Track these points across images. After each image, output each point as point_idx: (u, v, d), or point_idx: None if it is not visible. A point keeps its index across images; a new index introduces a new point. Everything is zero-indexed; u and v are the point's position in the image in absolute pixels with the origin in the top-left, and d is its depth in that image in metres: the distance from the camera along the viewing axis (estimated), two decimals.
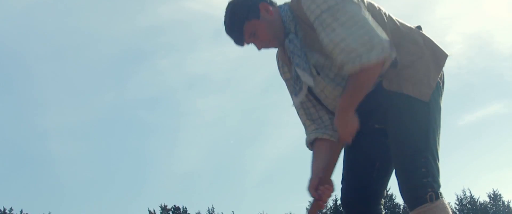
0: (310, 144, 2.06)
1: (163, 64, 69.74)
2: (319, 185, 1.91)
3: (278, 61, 2.14)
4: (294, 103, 2.06)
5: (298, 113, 2.09)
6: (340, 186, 2.10)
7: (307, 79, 1.91)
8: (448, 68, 1.98)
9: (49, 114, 61.75)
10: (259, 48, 1.97)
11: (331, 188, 1.92)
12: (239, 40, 1.96)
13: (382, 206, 2.13)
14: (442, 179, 1.84)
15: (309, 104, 2.04)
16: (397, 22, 1.95)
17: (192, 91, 69.95)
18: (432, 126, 1.87)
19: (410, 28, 1.97)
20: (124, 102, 65.99)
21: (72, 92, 63.53)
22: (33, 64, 65.82)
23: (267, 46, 1.98)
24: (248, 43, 1.97)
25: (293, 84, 2.01)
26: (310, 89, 1.97)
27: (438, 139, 1.89)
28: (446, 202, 1.82)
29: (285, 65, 2.09)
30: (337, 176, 2.10)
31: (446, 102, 1.97)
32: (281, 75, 2.15)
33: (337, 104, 1.90)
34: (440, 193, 1.80)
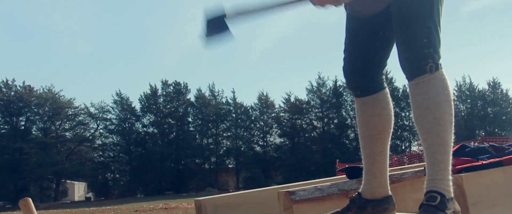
0: None
1: None
2: None
3: None
4: None
5: None
6: (343, 55, 2.08)
7: None
8: None
9: None
10: None
11: None
12: None
13: (384, 77, 2.10)
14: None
15: None
16: None
17: None
18: None
19: None
20: None
21: None
22: None
23: None
24: None
25: None
26: None
27: (441, 10, 1.86)
28: (445, 74, 1.82)
29: None
30: (340, 48, 2.11)
31: None
32: None
33: None
34: (440, 64, 1.81)
